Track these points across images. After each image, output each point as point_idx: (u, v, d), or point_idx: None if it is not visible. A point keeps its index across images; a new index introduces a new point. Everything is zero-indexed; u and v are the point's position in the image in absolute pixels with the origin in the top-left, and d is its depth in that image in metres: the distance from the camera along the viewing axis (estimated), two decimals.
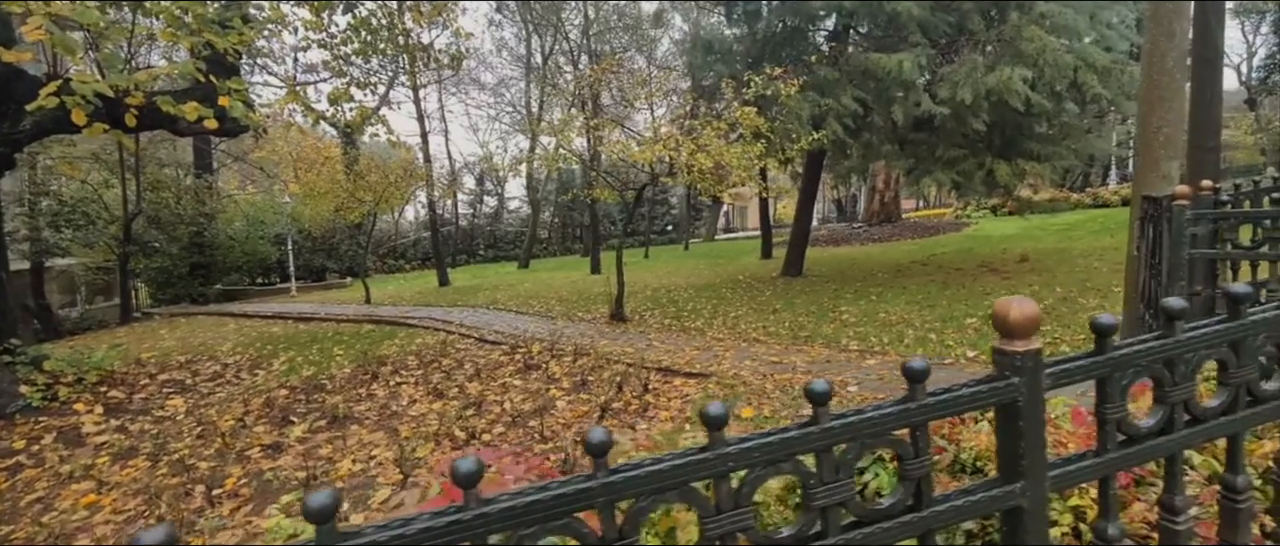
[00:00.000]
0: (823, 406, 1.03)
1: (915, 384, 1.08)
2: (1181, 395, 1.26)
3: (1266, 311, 1.32)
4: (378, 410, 6.04)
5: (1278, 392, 1.36)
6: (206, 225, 18.30)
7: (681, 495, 0.97)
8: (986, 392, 1.11)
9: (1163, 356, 1.24)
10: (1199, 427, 1.30)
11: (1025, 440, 1.13)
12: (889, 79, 8.81)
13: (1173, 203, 3.21)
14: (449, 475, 0.89)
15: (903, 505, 1.08)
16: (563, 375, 6.60)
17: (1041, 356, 1.13)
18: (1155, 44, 4.33)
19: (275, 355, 9.61)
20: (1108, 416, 1.22)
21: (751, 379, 5.57)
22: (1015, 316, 1.11)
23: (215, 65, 8.25)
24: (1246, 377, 1.31)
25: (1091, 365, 1.19)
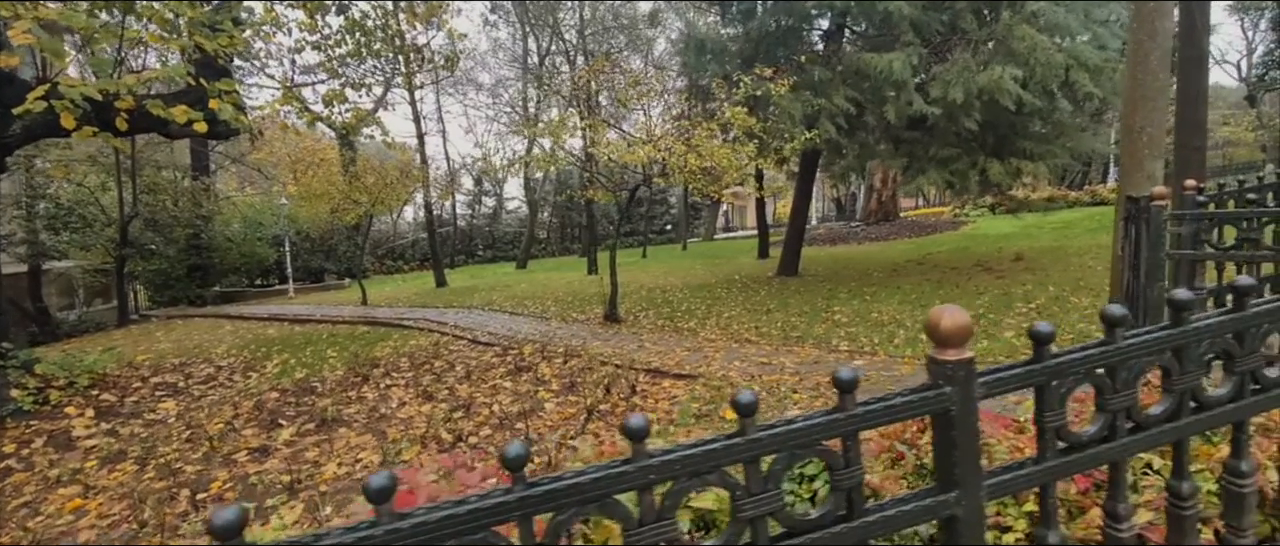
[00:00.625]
0: (748, 418, 1.03)
1: (845, 394, 1.08)
2: (1123, 402, 1.26)
3: (1210, 318, 1.32)
4: (367, 413, 6.05)
5: (1223, 398, 1.36)
6: (203, 227, 18.33)
7: (603, 508, 0.96)
8: (918, 402, 1.11)
9: (1103, 363, 1.23)
10: (1142, 435, 1.29)
11: (959, 449, 1.13)
12: (881, 79, 8.81)
13: (1151, 203, 3.20)
14: (363, 491, 0.89)
15: (834, 515, 1.08)
16: (552, 377, 6.60)
17: (974, 365, 1.13)
18: (1138, 43, 4.32)
19: (269, 357, 9.62)
20: (1047, 424, 1.22)
21: (739, 380, 5.57)
22: (946, 326, 1.11)
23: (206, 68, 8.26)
24: (1190, 384, 1.31)
25: (1027, 373, 1.18)
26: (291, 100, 9.60)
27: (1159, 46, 4.26)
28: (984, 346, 6.16)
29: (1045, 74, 8.31)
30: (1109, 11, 9.35)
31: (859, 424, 1.08)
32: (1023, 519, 1.71)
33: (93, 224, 15.79)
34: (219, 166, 24.18)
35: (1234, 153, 39.71)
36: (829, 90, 9.68)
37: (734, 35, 11.03)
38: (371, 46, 11.31)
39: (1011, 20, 8.56)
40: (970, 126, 8.85)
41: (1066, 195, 21.33)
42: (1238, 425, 1.40)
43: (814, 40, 11.82)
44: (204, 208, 18.21)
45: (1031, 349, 1.21)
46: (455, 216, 30.71)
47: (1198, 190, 4.38)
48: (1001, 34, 8.60)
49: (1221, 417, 1.37)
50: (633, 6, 19.53)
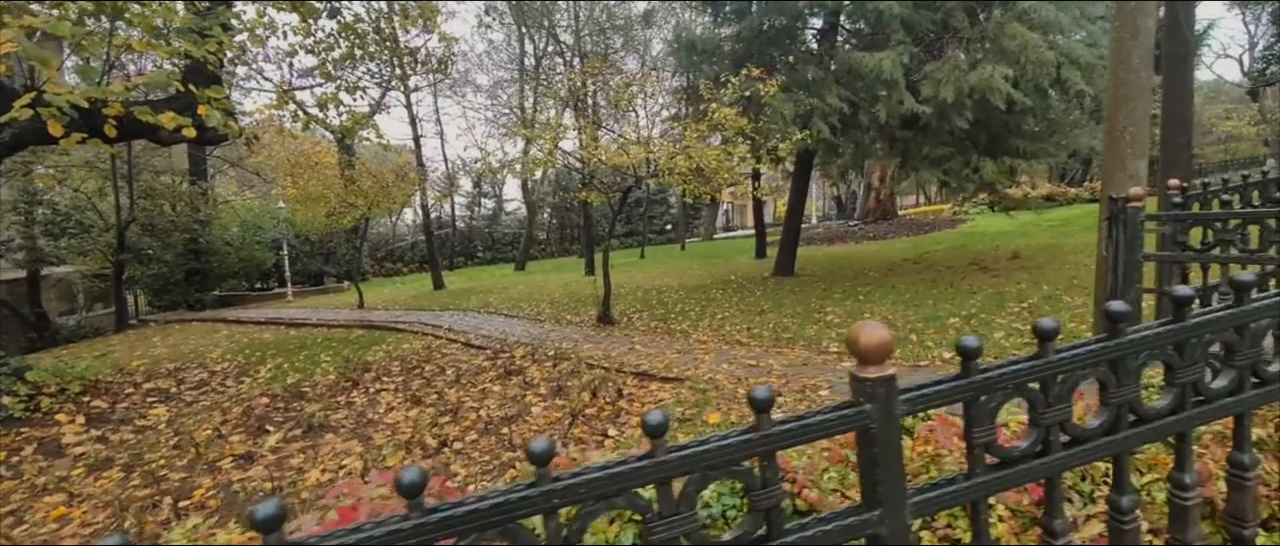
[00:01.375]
0: (658, 439, 1.01)
1: (760, 413, 1.06)
2: (1057, 416, 1.24)
3: (1147, 329, 1.30)
4: (355, 418, 6.04)
5: (1164, 410, 1.34)
6: (201, 231, 18.36)
7: (505, 534, 0.95)
8: (836, 420, 1.09)
9: (1035, 377, 1.22)
10: (1078, 449, 1.27)
11: (881, 467, 1.11)
12: (872, 78, 8.77)
13: (1127, 204, 3.18)
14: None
15: (751, 536, 1.07)
16: (541, 380, 6.59)
17: (895, 383, 1.11)
18: (1120, 42, 4.29)
19: (262, 362, 9.63)
20: (976, 440, 1.20)
21: (725, 383, 5.55)
22: (865, 342, 1.09)
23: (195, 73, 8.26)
24: (1127, 396, 1.29)
25: (952, 389, 1.16)
26: (286, 104, 9.63)
27: (1141, 44, 4.23)
28: None
29: (1037, 72, 8.27)
30: (1103, 9, 9.30)
31: (774, 444, 1.06)
32: None
33: (90, 229, 15.83)
34: (218, 170, 24.21)
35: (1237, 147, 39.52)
36: (821, 90, 9.65)
37: (726, 35, 11.01)
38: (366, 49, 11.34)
39: (1002, 18, 8.52)
40: (962, 125, 8.82)
41: (1065, 193, 21.26)
42: (1180, 437, 1.38)
43: (807, 40, 11.80)
44: (201, 212, 18.24)
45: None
46: (454, 218, 30.74)
47: (1181, 190, 4.35)
48: (993, 32, 8.56)
49: (1162, 430, 1.35)
50: (628, 7, 19.56)
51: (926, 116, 9.06)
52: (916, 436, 1.99)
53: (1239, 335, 1.38)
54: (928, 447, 1.91)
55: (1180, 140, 4.66)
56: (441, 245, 30.50)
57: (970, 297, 8.86)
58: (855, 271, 13.15)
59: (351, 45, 10.78)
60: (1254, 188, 4.61)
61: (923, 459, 1.87)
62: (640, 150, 7.89)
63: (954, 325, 7.23)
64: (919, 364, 5.74)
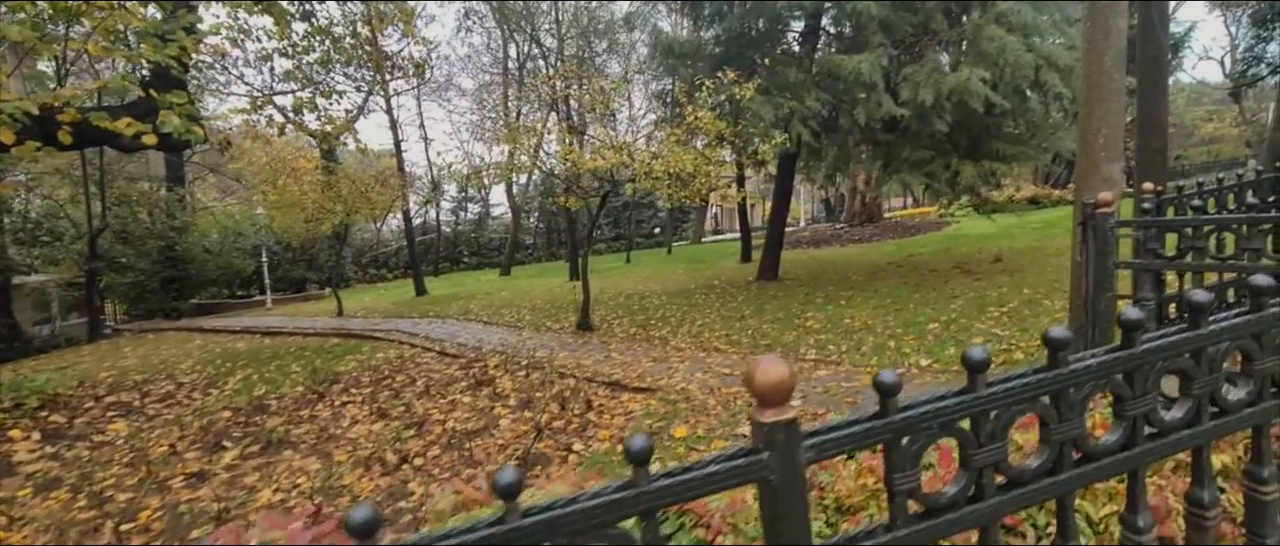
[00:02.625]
0: (511, 500, 0.86)
1: (639, 466, 0.91)
2: (991, 457, 1.10)
3: (1090, 358, 1.16)
4: (317, 433, 5.85)
5: (1113, 446, 1.21)
6: (177, 239, 18.03)
7: None
8: (727, 472, 0.94)
9: (963, 414, 1.08)
10: (1016, 492, 1.13)
11: (783, 522, 0.97)
12: (852, 80, 8.68)
13: (1096, 210, 3.06)
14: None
15: None
16: (512, 391, 6.43)
17: (797, 427, 0.96)
18: (1092, 43, 4.19)
19: (232, 373, 9.40)
20: (898, 487, 1.05)
21: (697, 394, 5.41)
22: (761, 381, 0.94)
23: (159, 78, 8.04)
24: (1071, 433, 1.15)
25: (866, 432, 1.02)
26: (260, 109, 9.41)
27: (1113, 46, 4.14)
28: (951, 354, 6.02)
29: (1015, 75, 8.21)
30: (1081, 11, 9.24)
31: (652, 502, 0.91)
32: None
33: (62, 237, 15.50)
34: (197, 176, 23.87)
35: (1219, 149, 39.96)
36: (801, 92, 9.55)
37: (706, 38, 10.90)
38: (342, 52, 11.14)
39: (980, 21, 8.46)
40: (942, 128, 8.74)
41: (1049, 194, 21.30)
42: (1132, 475, 1.25)
43: (789, 42, 11.71)
44: (177, 219, 17.92)
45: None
46: (439, 223, 30.47)
47: (1156, 194, 4.25)
48: (971, 34, 8.50)
49: (1111, 468, 1.21)
50: (610, 9, 19.47)
51: (906, 119, 8.98)
52: (861, 464, 1.85)
53: (1195, 361, 1.25)
54: (870, 480, 1.77)
55: (1155, 143, 4.58)
56: (426, 251, 30.23)
57: (952, 301, 8.77)
58: (839, 275, 13.06)
59: (327, 49, 10.60)
60: (1229, 191, 4.53)
61: (864, 493, 1.73)
62: (615, 155, 7.75)
63: (933, 330, 7.13)
64: (894, 372, 5.61)
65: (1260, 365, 1.31)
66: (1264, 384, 1.33)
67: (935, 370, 5.59)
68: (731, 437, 4.24)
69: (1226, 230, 2.70)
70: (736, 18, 10.06)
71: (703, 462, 0.97)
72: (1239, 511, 1.68)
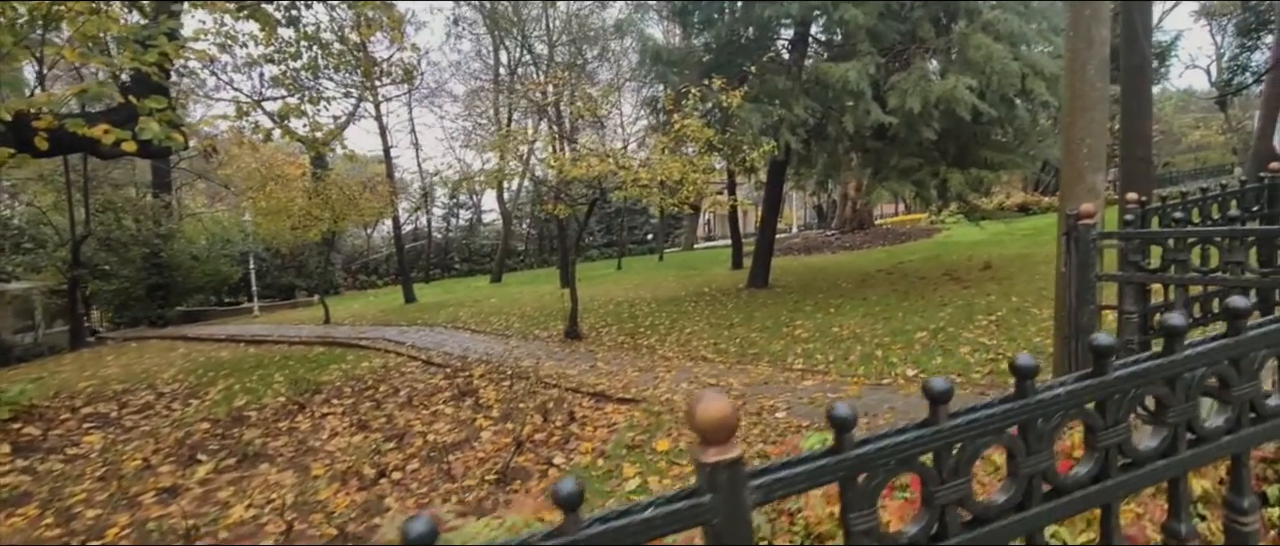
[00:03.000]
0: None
1: (569, 511, 0.85)
2: (954, 494, 1.03)
3: (1057, 388, 1.10)
4: (295, 445, 5.74)
5: (1085, 478, 1.15)
6: (163, 246, 17.82)
7: None
8: (665, 518, 0.87)
9: (924, 448, 1.01)
10: (983, 529, 1.07)
11: None
12: (840, 88, 8.67)
13: (1078, 221, 3.02)
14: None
15: None
16: (495, 402, 6.34)
17: (741, 467, 0.90)
18: (1075, 52, 4.17)
19: (214, 383, 9.26)
20: (854, 527, 0.99)
21: (681, 405, 5.34)
22: (702, 417, 0.88)
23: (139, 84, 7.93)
24: (1040, 466, 1.09)
25: (818, 470, 0.95)
26: (245, 115, 9.31)
27: (1096, 55, 4.12)
28: (938, 363, 5.99)
29: (1002, 83, 8.21)
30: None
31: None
32: None
33: (45, 244, 15.28)
34: (185, 182, 23.65)
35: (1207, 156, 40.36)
36: (790, 100, 9.53)
37: (696, 45, 10.89)
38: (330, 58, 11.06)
39: (967, 29, 8.47)
40: (929, 136, 8.74)
41: (1039, 201, 21.42)
42: (1105, 509, 1.19)
43: (779, 50, 11.70)
44: (163, 226, 17.72)
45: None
46: (430, 229, 30.31)
47: (1140, 204, 4.22)
48: (958, 43, 8.50)
49: (1083, 502, 1.15)
50: (602, 16, 19.47)
51: (895, 127, 8.97)
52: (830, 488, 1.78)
53: (1170, 388, 1.19)
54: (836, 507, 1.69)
55: (1139, 152, 4.56)
56: (417, 257, 30.06)
57: (941, 309, 8.74)
58: (829, 282, 13.03)
59: (315, 55, 10.51)
60: (1213, 200, 4.50)
61: (832, 522, 1.66)
62: (600, 163, 7.70)
63: (921, 339, 7.09)
64: (881, 382, 5.57)
65: (1238, 391, 1.26)
66: (1242, 410, 1.28)
67: (922, 380, 5.53)
68: None
69: (1208, 243, 2.66)
70: (725, 25, 10.05)
71: (641, 506, 0.90)
72: (1221, 539, 1.62)
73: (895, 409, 4.64)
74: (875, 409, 4.72)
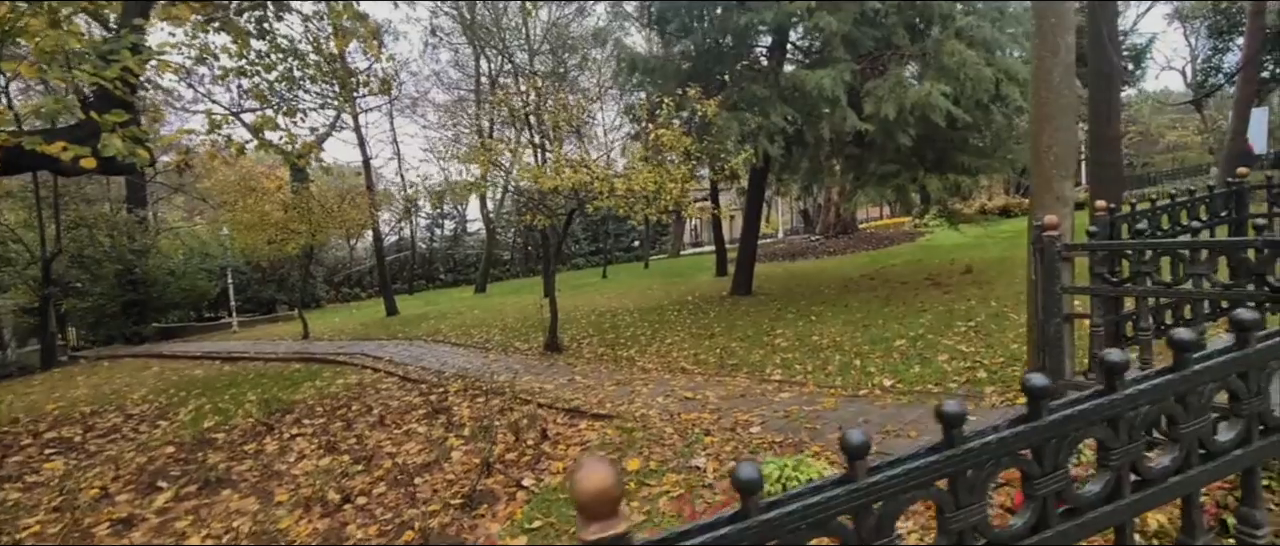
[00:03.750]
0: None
1: None
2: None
3: (989, 435, 1.03)
4: (261, 470, 5.58)
5: (1022, 531, 1.07)
6: (138, 261, 17.49)
7: None
8: None
9: (842, 509, 0.93)
10: None
11: None
12: (815, 96, 8.66)
13: (1043, 232, 2.97)
14: None
15: None
16: (469, 419, 6.21)
17: (627, 542, 0.81)
18: (1041, 60, 4.15)
19: (185, 403, 9.04)
20: None
21: (656, 420, 5.24)
22: (582, 490, 0.79)
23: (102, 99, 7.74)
24: (971, 519, 1.02)
25: (717, 541, 0.87)
26: (218, 128, 9.14)
27: (1061, 62, 4.10)
28: (916, 372, 5.94)
29: (976, 89, 8.24)
30: None
31: None
32: None
33: (14, 262, 14.95)
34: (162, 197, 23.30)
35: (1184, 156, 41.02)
36: (768, 107, 9.51)
37: (673, 53, 10.85)
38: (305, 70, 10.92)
39: (942, 36, 8.50)
40: (906, 142, 8.74)
41: (1021, 204, 21.57)
42: None
43: (758, 57, 11.69)
44: (137, 241, 17.40)
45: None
46: (414, 240, 30.06)
47: (1108, 211, 4.19)
48: (933, 49, 8.52)
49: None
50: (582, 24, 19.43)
51: (871, 133, 8.97)
52: None
53: (1113, 429, 1.12)
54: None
55: (1109, 157, 4.54)
56: (401, 268, 29.80)
57: (921, 316, 8.72)
58: (811, 289, 13.00)
59: (290, 67, 10.37)
60: (1183, 206, 4.49)
61: None
62: (574, 174, 7.61)
63: (900, 347, 7.04)
64: (858, 393, 5.51)
65: (1186, 428, 1.19)
66: (1192, 447, 1.21)
67: (899, 390, 5.48)
68: (684, 471, 4.07)
69: (1170, 255, 2.62)
70: (703, 33, 10.02)
71: None
72: None
73: (870, 421, 4.58)
74: (850, 421, 4.65)
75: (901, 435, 4.23)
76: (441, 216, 31.74)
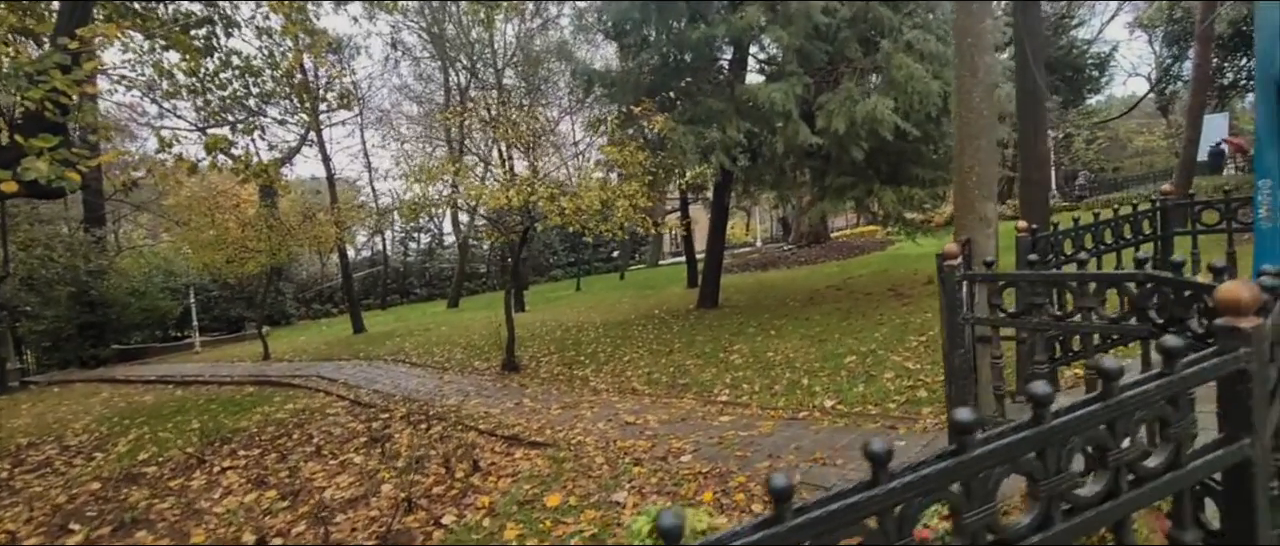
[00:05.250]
0: None
1: None
2: None
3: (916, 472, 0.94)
4: (183, 508, 5.36)
5: None
6: (93, 282, 17.04)
7: None
8: None
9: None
10: None
11: None
12: (768, 110, 8.64)
13: (943, 262, 2.91)
14: None
15: None
16: (407, 449, 6.03)
17: None
18: (960, 81, 4.12)
19: (127, 432, 8.75)
20: None
21: (591, 449, 5.11)
22: None
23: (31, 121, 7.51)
24: None
25: None
26: (169, 147, 8.93)
27: (981, 83, 4.07)
28: (859, 391, 5.88)
29: (924, 102, 8.26)
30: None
31: None
32: None
33: None
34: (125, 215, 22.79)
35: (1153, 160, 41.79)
36: (724, 121, 9.47)
37: (631, 67, 10.79)
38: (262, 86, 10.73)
39: (891, 48, 8.53)
40: (857, 156, 8.74)
41: None
42: None
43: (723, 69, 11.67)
44: (92, 262, 16.95)
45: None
46: (387, 255, 29.70)
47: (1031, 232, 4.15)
48: (882, 63, 8.55)
49: None
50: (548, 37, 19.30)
51: (825, 147, 8.96)
52: None
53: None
54: None
55: (1036, 176, 4.53)
56: (375, 283, 29.41)
57: (877, 329, 8.68)
58: (777, 300, 12.97)
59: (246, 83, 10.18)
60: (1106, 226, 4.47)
61: None
62: (517, 192, 7.49)
63: (851, 364, 6.99)
64: (798, 415, 5.43)
65: (1115, 456, 1.14)
66: (1120, 475, 1.16)
67: (839, 412, 5.42)
68: (604, 506, 3.95)
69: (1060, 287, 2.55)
70: (658, 47, 9.98)
71: None
72: None
73: (801, 448, 4.49)
74: (782, 448, 4.56)
75: (830, 463, 4.15)
76: (416, 230, 31.40)
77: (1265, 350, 1.36)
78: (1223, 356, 1.33)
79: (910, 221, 10.45)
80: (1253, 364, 1.34)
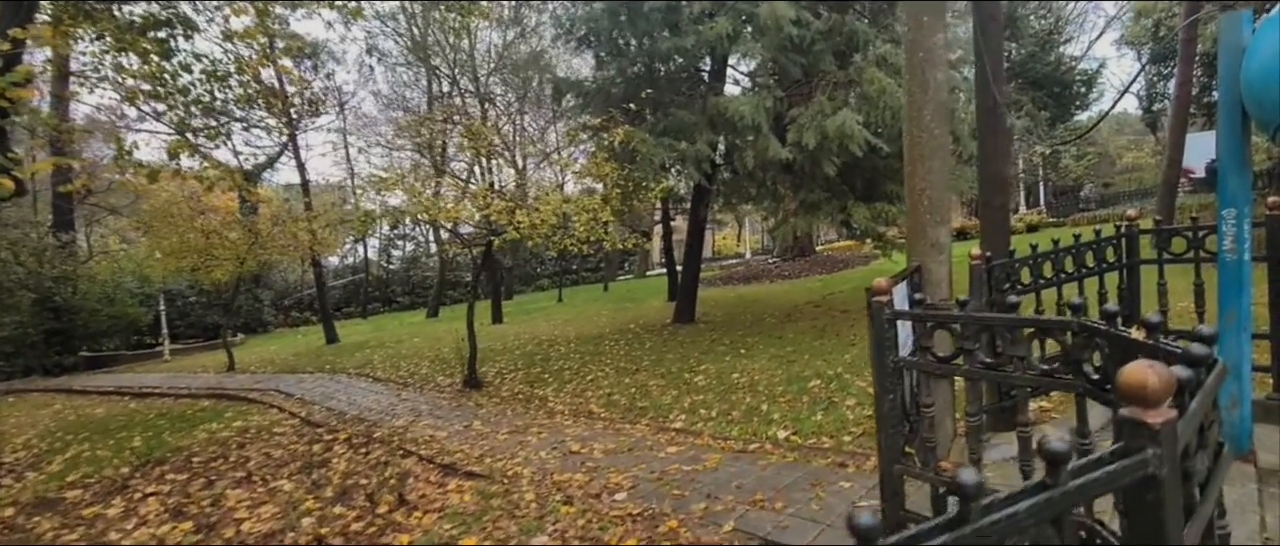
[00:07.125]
0: None
1: None
2: None
3: None
4: (90, 540, 5.01)
5: None
6: (57, 288, 16.61)
7: None
8: None
9: None
10: None
11: None
12: (737, 123, 8.40)
13: (873, 298, 2.63)
14: None
15: None
16: (339, 476, 5.71)
17: None
18: (911, 96, 3.87)
19: (67, 449, 8.37)
20: None
21: (526, 481, 4.80)
22: None
23: None
24: None
25: None
26: (128, 154, 8.62)
27: (932, 100, 3.82)
28: (818, 420, 5.59)
29: (895, 117, 8.04)
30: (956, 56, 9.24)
31: None
32: None
33: None
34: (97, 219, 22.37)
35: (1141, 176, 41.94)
36: (694, 134, 9.22)
37: (604, 78, 10.56)
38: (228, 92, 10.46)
39: (863, 62, 8.32)
40: (829, 171, 8.51)
41: (973, 225, 21.62)
42: None
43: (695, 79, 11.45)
44: (57, 267, 16.53)
45: None
46: (367, 263, 29.31)
47: (986, 261, 3.88)
48: (855, 77, 8.33)
49: None
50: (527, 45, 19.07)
51: (798, 162, 8.72)
52: None
53: None
54: None
55: (996, 200, 4.28)
56: (356, 291, 29.02)
57: (847, 350, 8.42)
58: (754, 317, 12.69)
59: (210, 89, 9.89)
60: (1068, 253, 4.21)
61: None
62: (471, 206, 7.21)
63: (815, 388, 6.71)
64: (748, 446, 5.14)
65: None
66: None
67: (791, 444, 5.13)
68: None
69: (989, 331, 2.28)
70: (629, 57, 9.74)
71: None
72: None
73: (743, 487, 4.19)
74: (723, 487, 4.26)
75: (768, 506, 3.85)
76: (399, 237, 31.04)
77: (1178, 452, 1.08)
78: (1126, 460, 1.05)
79: (885, 237, 10.21)
80: (1163, 469, 1.06)
